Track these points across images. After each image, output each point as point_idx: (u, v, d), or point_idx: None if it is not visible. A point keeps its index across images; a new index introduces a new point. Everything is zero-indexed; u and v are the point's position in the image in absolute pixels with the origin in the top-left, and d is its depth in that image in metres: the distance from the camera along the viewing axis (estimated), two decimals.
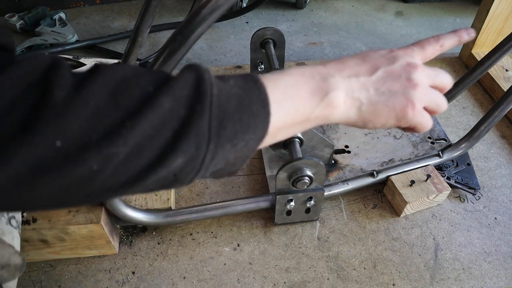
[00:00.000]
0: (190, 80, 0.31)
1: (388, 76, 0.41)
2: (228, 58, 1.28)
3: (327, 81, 0.38)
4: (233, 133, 0.32)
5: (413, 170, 0.82)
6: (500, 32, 1.13)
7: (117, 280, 0.69)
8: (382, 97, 0.40)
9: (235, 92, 0.33)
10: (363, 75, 0.40)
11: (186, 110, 0.30)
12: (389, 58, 0.43)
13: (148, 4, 0.74)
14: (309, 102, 0.37)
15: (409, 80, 0.41)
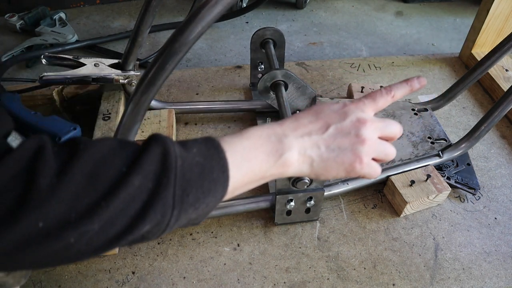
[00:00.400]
0: (157, 155, 0.35)
1: (338, 133, 0.45)
2: (228, 58, 1.28)
3: (282, 142, 0.43)
4: (195, 199, 0.36)
5: (413, 170, 0.82)
6: (500, 32, 1.13)
7: (117, 280, 0.69)
8: (332, 153, 0.45)
9: (197, 161, 0.37)
10: (316, 133, 0.45)
11: (153, 183, 0.34)
12: (341, 114, 0.46)
13: (148, 4, 0.74)
14: (265, 163, 0.42)
15: (357, 136, 0.45)
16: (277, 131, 0.44)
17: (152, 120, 0.87)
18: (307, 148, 0.44)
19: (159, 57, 0.48)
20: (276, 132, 0.44)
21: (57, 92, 0.87)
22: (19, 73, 1.19)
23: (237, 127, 0.97)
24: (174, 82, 1.08)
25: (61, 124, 0.75)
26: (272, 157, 0.42)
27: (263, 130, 0.44)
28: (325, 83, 1.11)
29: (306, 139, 0.44)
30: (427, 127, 0.90)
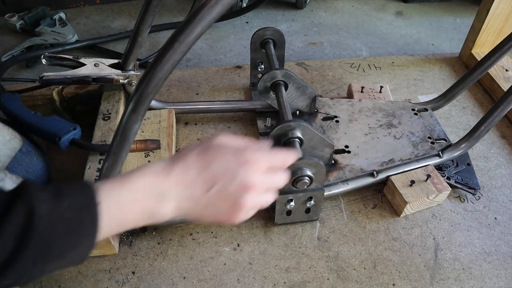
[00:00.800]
0: (21, 216, 0.36)
1: (220, 194, 0.47)
2: (228, 58, 1.28)
3: (162, 200, 0.45)
4: (59, 252, 0.38)
5: (413, 170, 0.82)
6: (500, 32, 1.13)
7: (117, 280, 0.69)
8: (208, 211, 0.48)
9: (66, 216, 0.38)
10: (198, 190, 0.46)
11: (14, 244, 0.35)
12: (230, 173, 0.47)
13: (148, 4, 0.74)
14: (139, 218, 0.44)
15: (236, 202, 0.47)
16: (161, 185, 0.45)
17: (152, 120, 0.87)
18: (185, 204, 0.46)
19: (159, 57, 0.47)
20: (159, 186, 0.45)
21: (57, 92, 0.87)
22: (19, 73, 1.19)
23: (237, 127, 0.97)
24: (174, 82, 1.08)
25: (61, 124, 0.75)
26: (147, 214, 0.45)
27: (146, 180, 0.45)
28: (325, 83, 1.11)
29: (188, 195, 0.46)
30: (427, 127, 0.90)
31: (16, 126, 0.73)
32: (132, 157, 0.79)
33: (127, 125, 0.52)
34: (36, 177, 0.69)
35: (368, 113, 0.93)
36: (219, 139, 0.50)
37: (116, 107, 0.85)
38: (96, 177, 0.71)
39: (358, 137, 0.88)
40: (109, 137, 0.79)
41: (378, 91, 1.01)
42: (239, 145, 0.50)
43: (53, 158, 0.88)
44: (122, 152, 0.54)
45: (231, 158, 0.47)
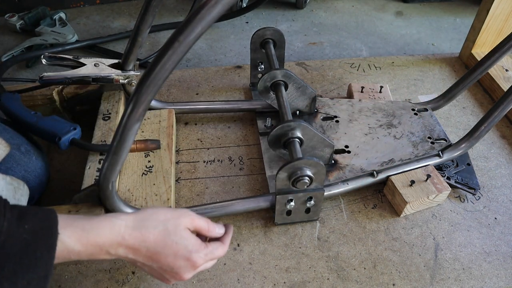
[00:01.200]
0: None
1: (156, 271, 0.55)
2: (228, 58, 1.28)
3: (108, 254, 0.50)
4: (11, 273, 0.39)
5: (413, 170, 0.82)
6: (500, 32, 1.13)
7: (117, 280, 0.69)
8: (152, 272, 0.55)
9: (24, 238, 0.40)
10: (140, 260, 0.53)
11: None
12: (173, 265, 0.54)
13: (148, 4, 0.74)
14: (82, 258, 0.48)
15: (177, 274, 0.55)
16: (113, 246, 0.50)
17: (152, 120, 0.87)
18: (125, 259, 0.52)
19: (159, 57, 0.47)
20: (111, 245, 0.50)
21: (57, 92, 0.87)
22: (19, 73, 1.19)
23: (237, 127, 0.97)
24: (174, 82, 1.08)
25: (61, 124, 0.75)
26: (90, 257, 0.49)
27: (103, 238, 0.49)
28: (325, 83, 1.11)
29: (130, 258, 0.52)
30: (427, 127, 0.90)
31: (16, 126, 0.73)
32: (132, 157, 0.79)
33: (127, 125, 0.52)
34: (35, 177, 0.69)
35: (368, 113, 0.93)
36: (185, 223, 0.55)
37: (116, 107, 0.85)
38: (96, 177, 0.71)
39: (358, 137, 0.88)
40: (109, 137, 0.79)
41: (378, 91, 1.01)
42: (195, 241, 0.55)
43: (53, 158, 0.88)
44: (122, 152, 0.54)
45: (181, 252, 0.54)
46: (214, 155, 0.90)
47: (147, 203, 0.72)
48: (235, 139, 0.94)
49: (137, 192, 0.73)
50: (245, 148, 0.92)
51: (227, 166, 0.88)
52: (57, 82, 0.81)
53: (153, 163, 0.78)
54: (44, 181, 0.72)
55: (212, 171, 0.86)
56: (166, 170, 0.77)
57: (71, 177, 0.84)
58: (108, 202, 0.63)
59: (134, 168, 0.77)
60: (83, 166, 0.74)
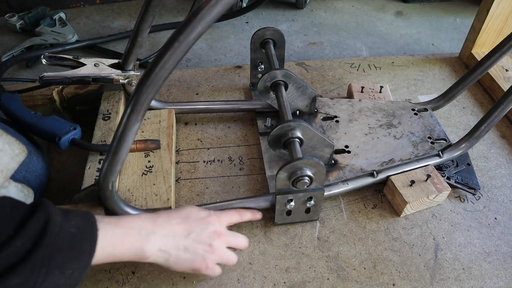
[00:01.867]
0: (41, 222, 0.43)
1: (197, 239, 0.60)
2: (228, 58, 1.28)
3: (148, 238, 0.55)
4: (61, 262, 0.44)
5: (413, 170, 0.82)
6: (500, 32, 1.13)
7: (117, 280, 0.69)
8: (186, 255, 0.59)
9: (71, 231, 0.46)
10: (179, 235, 0.59)
11: (31, 244, 0.42)
12: (203, 223, 0.62)
13: (148, 4, 0.74)
14: (128, 252, 0.54)
15: (210, 246, 0.61)
16: (148, 227, 0.56)
17: (152, 120, 0.87)
18: (168, 247, 0.57)
19: (159, 57, 0.48)
20: (147, 227, 0.56)
21: (57, 92, 0.87)
22: (19, 73, 1.19)
23: (237, 127, 0.97)
24: (174, 82, 1.08)
25: (61, 124, 0.75)
26: (134, 249, 0.54)
27: (137, 222, 0.56)
28: (325, 83, 1.11)
29: (170, 239, 0.58)
30: (427, 127, 0.90)
31: (16, 126, 0.73)
32: (132, 157, 0.79)
33: (127, 125, 0.52)
34: (36, 177, 0.69)
35: (368, 113, 0.93)
36: (191, 207, 0.64)
37: (116, 107, 0.85)
38: (96, 177, 0.71)
39: (358, 137, 0.88)
40: (109, 137, 0.79)
41: (378, 91, 1.01)
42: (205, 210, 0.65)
43: (53, 158, 0.88)
44: (122, 152, 0.54)
45: (203, 216, 0.63)
46: (214, 155, 0.90)
47: (147, 203, 0.72)
48: (235, 139, 0.94)
49: (137, 192, 0.73)
50: (245, 148, 0.92)
51: (227, 166, 0.88)
52: (57, 82, 0.81)
53: (153, 163, 0.78)
54: (44, 182, 0.72)
55: (212, 171, 0.86)
56: (166, 170, 0.77)
57: (71, 177, 0.84)
58: (108, 202, 0.63)
59: (134, 168, 0.77)
60: (83, 166, 0.74)
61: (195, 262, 0.60)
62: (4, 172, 0.61)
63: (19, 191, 0.64)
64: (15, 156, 0.63)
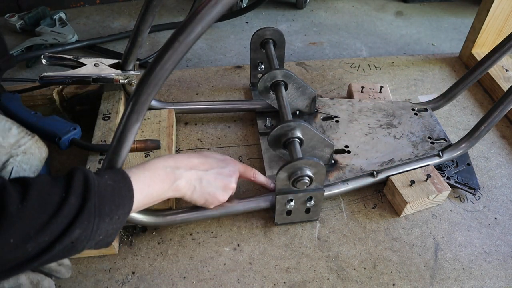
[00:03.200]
0: (81, 180, 0.48)
1: (218, 174, 0.66)
2: (228, 58, 1.28)
3: (175, 173, 0.61)
4: (109, 210, 0.49)
5: (413, 170, 0.82)
6: (500, 32, 1.13)
7: (117, 280, 0.69)
8: (209, 187, 0.65)
9: (109, 183, 0.51)
10: (201, 170, 0.65)
11: (82, 199, 0.47)
12: (221, 162, 0.68)
13: (148, 4, 0.74)
14: (161, 188, 0.59)
15: (228, 182, 0.68)
16: (171, 164, 0.61)
17: (152, 120, 0.87)
18: (192, 179, 0.63)
19: (159, 57, 0.48)
20: (170, 165, 0.61)
21: (57, 92, 0.87)
22: (19, 73, 1.19)
23: (237, 127, 0.97)
24: (174, 82, 1.08)
25: (61, 124, 0.75)
26: (166, 184, 0.60)
27: (160, 163, 0.60)
28: (325, 83, 1.11)
29: (193, 172, 0.63)
30: (427, 127, 0.90)
31: None
32: (132, 157, 0.79)
33: (127, 125, 0.52)
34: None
35: (368, 113, 0.93)
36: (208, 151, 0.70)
37: (116, 107, 0.85)
38: None
39: (358, 137, 0.88)
40: (109, 137, 0.79)
41: (378, 91, 1.01)
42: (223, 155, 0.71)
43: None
44: (122, 152, 0.54)
45: (220, 157, 0.69)
46: None
47: None
48: (235, 139, 0.94)
49: None
50: (245, 148, 0.92)
51: None
52: (57, 82, 0.81)
53: None
54: None
55: None
56: None
57: None
58: None
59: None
60: (83, 166, 0.74)
61: (215, 195, 0.67)
62: (35, 174, 0.63)
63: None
64: (43, 159, 0.65)
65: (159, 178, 0.59)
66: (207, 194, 0.66)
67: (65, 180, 0.48)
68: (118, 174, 0.54)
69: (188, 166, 0.63)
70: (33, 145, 0.63)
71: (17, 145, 0.61)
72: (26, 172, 0.61)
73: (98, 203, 0.48)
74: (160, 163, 0.60)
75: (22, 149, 0.61)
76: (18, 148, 0.61)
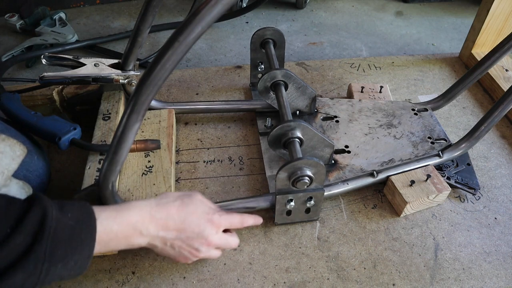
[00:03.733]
0: (37, 217, 0.43)
1: (185, 242, 0.61)
2: (228, 58, 1.28)
3: (142, 234, 0.56)
4: (63, 254, 0.45)
5: (413, 170, 0.82)
6: (500, 32, 1.13)
7: (117, 280, 0.69)
8: (171, 251, 0.61)
9: (69, 224, 0.46)
10: (172, 235, 0.59)
11: (31, 240, 0.42)
12: (199, 230, 0.61)
13: (148, 4, 0.74)
14: (120, 244, 0.55)
15: (197, 250, 0.63)
16: (144, 224, 0.56)
17: (152, 120, 0.87)
18: (156, 241, 0.59)
19: (159, 57, 0.48)
20: (143, 224, 0.56)
21: (57, 92, 0.87)
22: (19, 73, 1.19)
23: (237, 127, 0.97)
24: (174, 82, 1.08)
25: (61, 124, 0.75)
26: (126, 242, 0.56)
27: (135, 217, 0.56)
28: (325, 83, 1.11)
29: (162, 236, 0.59)
30: (427, 127, 0.90)
31: (16, 126, 0.73)
32: (132, 157, 0.79)
33: (127, 125, 0.52)
34: (37, 176, 0.69)
35: (368, 113, 0.93)
36: (197, 196, 0.63)
37: (116, 107, 0.85)
38: (96, 177, 0.71)
39: (358, 137, 0.88)
40: (109, 137, 0.79)
41: (378, 91, 1.01)
42: (211, 206, 0.65)
43: (53, 158, 0.88)
44: (122, 152, 0.54)
45: (202, 216, 0.62)
46: (214, 155, 0.90)
47: None
48: (235, 139, 0.94)
49: (137, 192, 0.73)
50: (245, 148, 0.92)
51: (227, 166, 0.88)
52: (57, 82, 0.81)
53: (153, 163, 0.78)
54: (45, 181, 0.72)
55: (212, 171, 0.86)
56: (166, 170, 0.77)
57: (71, 177, 0.84)
58: (108, 202, 0.63)
59: (134, 168, 0.77)
60: (83, 166, 0.74)
61: (177, 258, 0.64)
62: (5, 173, 0.62)
63: (21, 188, 0.64)
64: (16, 157, 0.64)
65: (123, 235, 0.54)
66: (167, 254, 0.63)
67: (18, 211, 0.43)
68: (85, 214, 0.50)
69: (160, 228, 0.58)
70: (1, 144, 0.61)
71: None
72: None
73: (51, 247, 0.43)
74: (134, 217, 0.55)
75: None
76: None
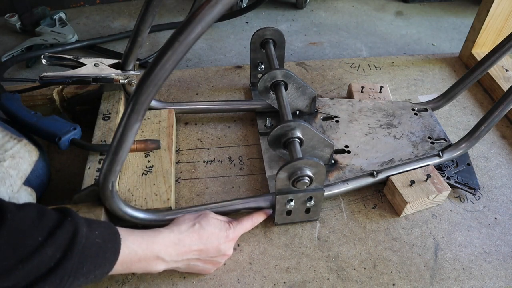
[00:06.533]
0: (69, 232, 0.45)
1: (206, 259, 0.65)
2: (228, 58, 1.28)
3: (161, 262, 0.59)
4: (88, 270, 0.47)
5: (413, 170, 0.82)
6: (500, 32, 1.13)
7: (117, 280, 0.69)
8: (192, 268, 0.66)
9: (97, 241, 0.48)
10: (193, 257, 0.63)
11: (61, 254, 0.43)
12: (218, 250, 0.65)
13: (148, 4, 0.74)
14: (138, 268, 0.57)
15: (217, 263, 0.68)
16: (167, 252, 0.59)
17: (152, 120, 0.87)
18: (179, 264, 0.62)
19: (159, 57, 0.47)
20: (168, 252, 0.59)
21: (57, 92, 0.87)
22: (19, 73, 1.19)
23: (237, 127, 0.97)
24: (174, 82, 1.08)
25: (61, 124, 0.75)
26: (145, 267, 0.58)
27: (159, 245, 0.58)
28: (325, 83, 1.11)
29: (182, 259, 0.62)
30: (427, 127, 0.90)
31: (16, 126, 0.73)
32: (132, 157, 0.79)
33: (127, 125, 0.52)
34: (37, 177, 0.69)
35: (368, 113, 0.93)
36: (210, 215, 0.66)
37: (116, 107, 0.85)
38: (96, 177, 0.71)
39: (358, 137, 0.88)
40: (109, 137, 0.79)
41: (378, 91, 1.01)
42: (224, 221, 0.67)
43: (53, 158, 0.88)
44: (122, 152, 0.54)
45: (220, 234, 0.65)
46: (214, 155, 0.90)
47: (147, 203, 0.72)
48: (235, 139, 0.94)
49: (137, 192, 0.73)
50: (245, 148, 0.92)
51: (227, 166, 0.88)
52: (57, 82, 0.81)
53: (153, 163, 0.78)
54: (45, 181, 0.72)
55: (212, 171, 0.86)
56: (166, 170, 0.77)
57: (71, 177, 0.84)
58: (108, 202, 0.63)
59: (134, 168, 0.77)
60: (83, 166, 0.74)
61: (199, 272, 0.68)
62: (23, 178, 0.62)
63: (29, 195, 0.64)
64: (32, 162, 0.64)
65: (146, 261, 0.57)
66: (190, 271, 0.68)
67: (51, 224, 0.45)
68: (110, 233, 0.52)
69: (181, 254, 0.61)
70: (22, 149, 0.61)
71: (2, 150, 0.58)
72: (13, 178, 0.58)
73: (78, 263, 0.45)
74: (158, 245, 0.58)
75: (9, 154, 0.58)
76: (4, 153, 0.58)
